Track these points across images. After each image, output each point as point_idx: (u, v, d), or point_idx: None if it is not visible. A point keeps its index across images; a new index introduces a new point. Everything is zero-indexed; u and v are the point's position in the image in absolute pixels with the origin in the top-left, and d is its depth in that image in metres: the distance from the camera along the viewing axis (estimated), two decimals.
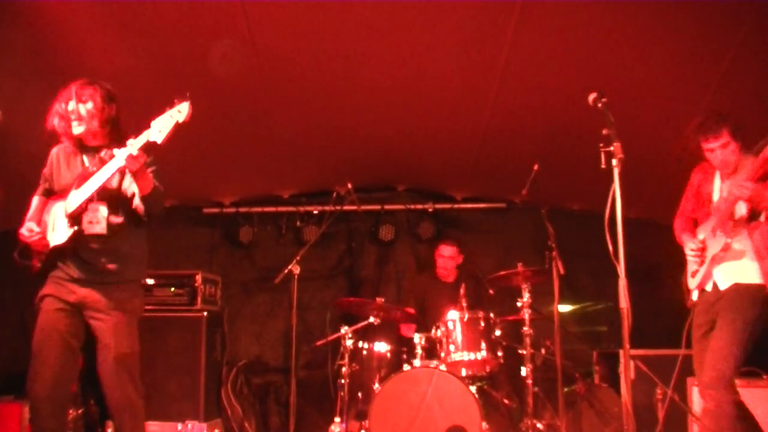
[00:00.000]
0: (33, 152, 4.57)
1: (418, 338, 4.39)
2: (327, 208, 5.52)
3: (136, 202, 2.92)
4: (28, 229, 2.91)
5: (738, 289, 3.12)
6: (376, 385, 4.23)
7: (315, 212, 5.92)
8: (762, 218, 3.10)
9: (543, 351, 4.48)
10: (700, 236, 3.32)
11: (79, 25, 3.52)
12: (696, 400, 4.02)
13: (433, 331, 4.39)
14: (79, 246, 2.86)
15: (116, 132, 2.97)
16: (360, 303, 4.69)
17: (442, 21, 3.63)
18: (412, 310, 5.04)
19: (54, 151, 3.07)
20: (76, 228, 2.84)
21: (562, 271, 4.12)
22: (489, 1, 3.44)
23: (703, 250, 3.27)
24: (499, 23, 3.56)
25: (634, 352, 3.56)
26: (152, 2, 3.43)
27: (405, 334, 4.95)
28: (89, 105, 2.93)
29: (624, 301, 2.63)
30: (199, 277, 5.09)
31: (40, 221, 2.98)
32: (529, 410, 4.11)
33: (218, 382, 5.23)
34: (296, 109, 4.51)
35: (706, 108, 3.33)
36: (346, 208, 5.46)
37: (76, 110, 2.91)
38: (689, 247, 3.34)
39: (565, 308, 5.36)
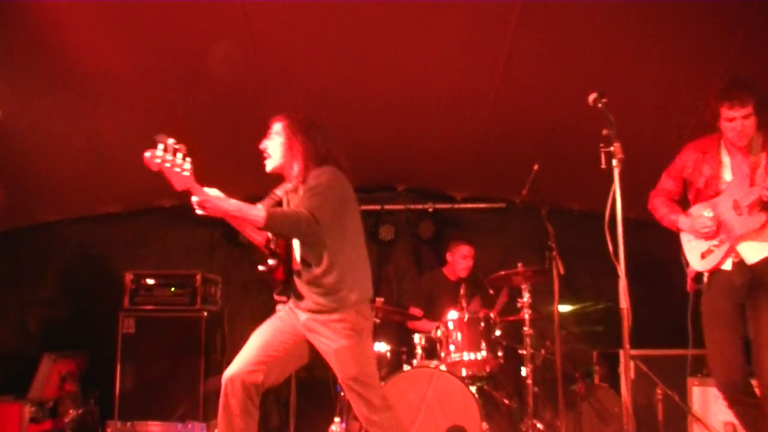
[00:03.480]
0: (33, 151, 4.58)
1: (418, 338, 4.39)
2: None
3: None
4: None
5: None
6: None
7: None
8: None
9: (543, 351, 4.48)
10: (706, 213, 3.10)
11: (79, 25, 3.52)
12: (696, 399, 4.02)
13: (433, 330, 4.39)
14: None
15: None
16: None
17: (442, 21, 3.63)
18: (415, 311, 5.03)
19: None
20: None
21: (562, 271, 4.12)
22: (489, 1, 3.44)
23: (717, 229, 3.05)
24: (499, 23, 3.56)
25: (634, 352, 3.55)
26: (152, 2, 3.43)
27: (414, 327, 4.90)
28: None
29: (624, 301, 2.64)
30: (199, 277, 5.07)
31: None
32: (529, 410, 4.12)
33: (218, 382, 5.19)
34: (296, 109, 4.50)
35: (727, 74, 3.14)
36: None
37: None
38: (703, 225, 3.08)
39: (565, 308, 5.36)
